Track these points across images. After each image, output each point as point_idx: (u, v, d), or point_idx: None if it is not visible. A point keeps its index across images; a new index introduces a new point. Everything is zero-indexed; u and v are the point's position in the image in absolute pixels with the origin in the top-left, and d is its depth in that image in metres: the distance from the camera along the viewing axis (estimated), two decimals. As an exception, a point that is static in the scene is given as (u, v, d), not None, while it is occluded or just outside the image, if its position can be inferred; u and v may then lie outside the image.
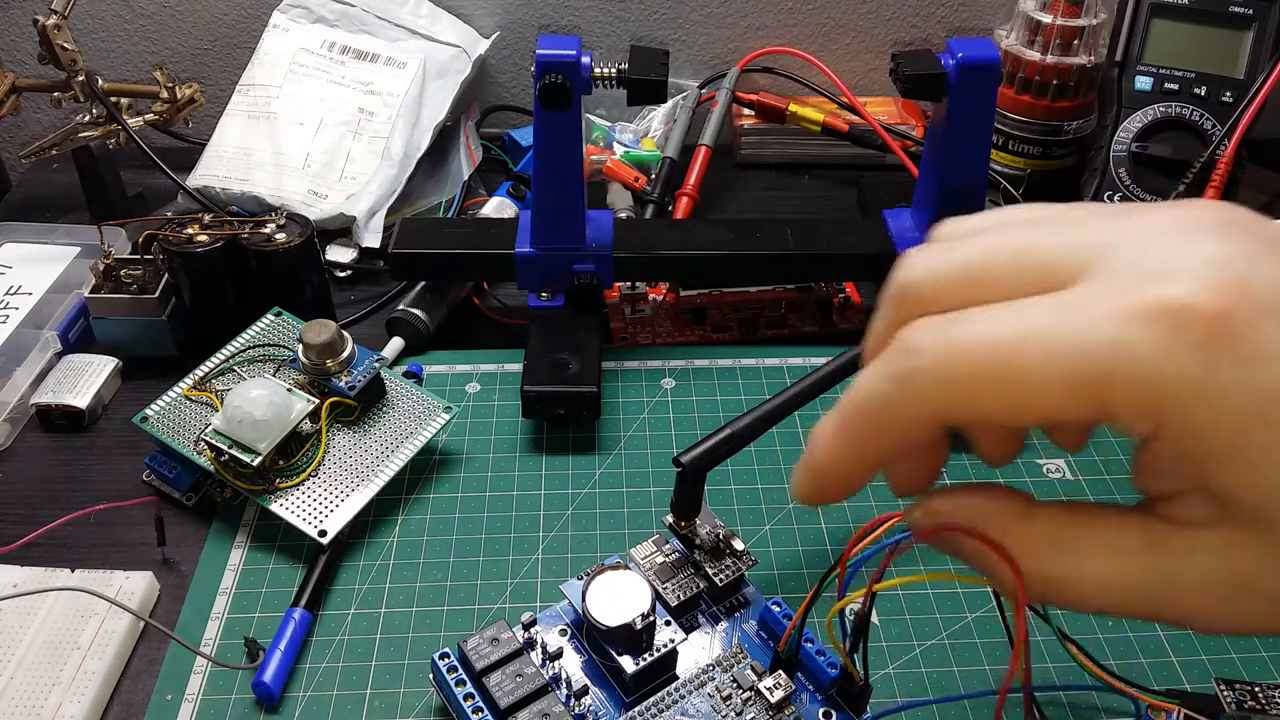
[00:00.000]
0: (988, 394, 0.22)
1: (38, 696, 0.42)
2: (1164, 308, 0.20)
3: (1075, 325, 0.21)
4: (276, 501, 0.49)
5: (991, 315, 0.22)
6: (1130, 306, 0.21)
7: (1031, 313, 0.22)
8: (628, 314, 0.65)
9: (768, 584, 0.48)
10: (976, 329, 0.22)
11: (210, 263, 0.58)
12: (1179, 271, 0.21)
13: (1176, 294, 0.20)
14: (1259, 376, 0.20)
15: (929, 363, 0.22)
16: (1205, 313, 0.20)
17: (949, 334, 0.22)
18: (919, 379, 0.23)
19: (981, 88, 0.55)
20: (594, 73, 0.55)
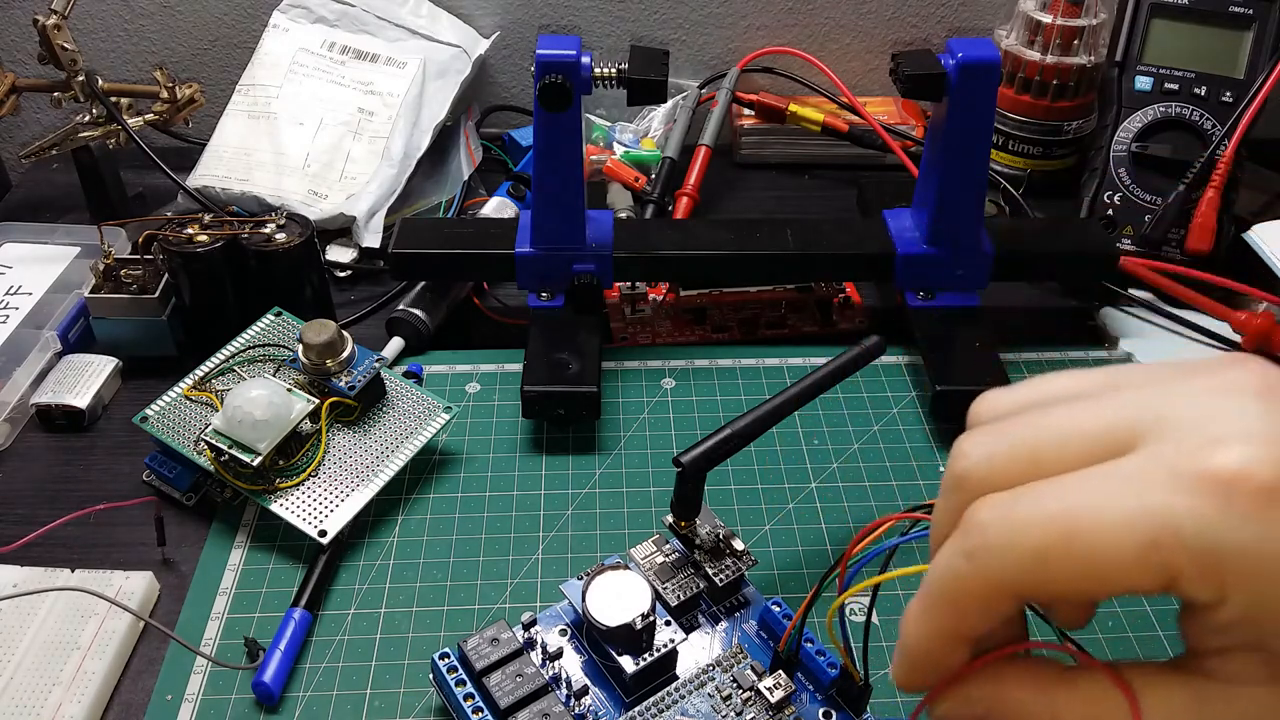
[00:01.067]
0: (1054, 566, 0.22)
1: (38, 696, 0.42)
2: (1218, 477, 0.21)
3: (1133, 494, 0.22)
4: (276, 501, 0.49)
5: (1051, 488, 0.23)
6: (1187, 474, 0.21)
7: (1090, 484, 0.23)
8: (628, 314, 0.65)
9: (768, 584, 0.48)
10: (1038, 503, 0.23)
11: (210, 263, 0.58)
12: (1231, 438, 0.21)
13: (1230, 463, 0.21)
14: None
15: (996, 538, 0.23)
16: (1260, 481, 0.21)
17: (1013, 509, 0.23)
18: (988, 555, 0.23)
19: (981, 88, 0.55)
20: (594, 73, 0.55)
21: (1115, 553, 0.22)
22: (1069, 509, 0.22)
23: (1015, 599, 0.24)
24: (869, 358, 0.46)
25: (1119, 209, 0.69)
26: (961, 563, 0.24)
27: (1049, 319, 0.67)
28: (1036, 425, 0.25)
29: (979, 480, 0.25)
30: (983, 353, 0.58)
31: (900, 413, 0.58)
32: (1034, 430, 0.24)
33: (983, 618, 0.25)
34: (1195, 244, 0.65)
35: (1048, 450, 0.24)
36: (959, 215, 0.59)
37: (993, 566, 0.23)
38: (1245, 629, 0.22)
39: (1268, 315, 0.61)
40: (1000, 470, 0.24)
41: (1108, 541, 0.22)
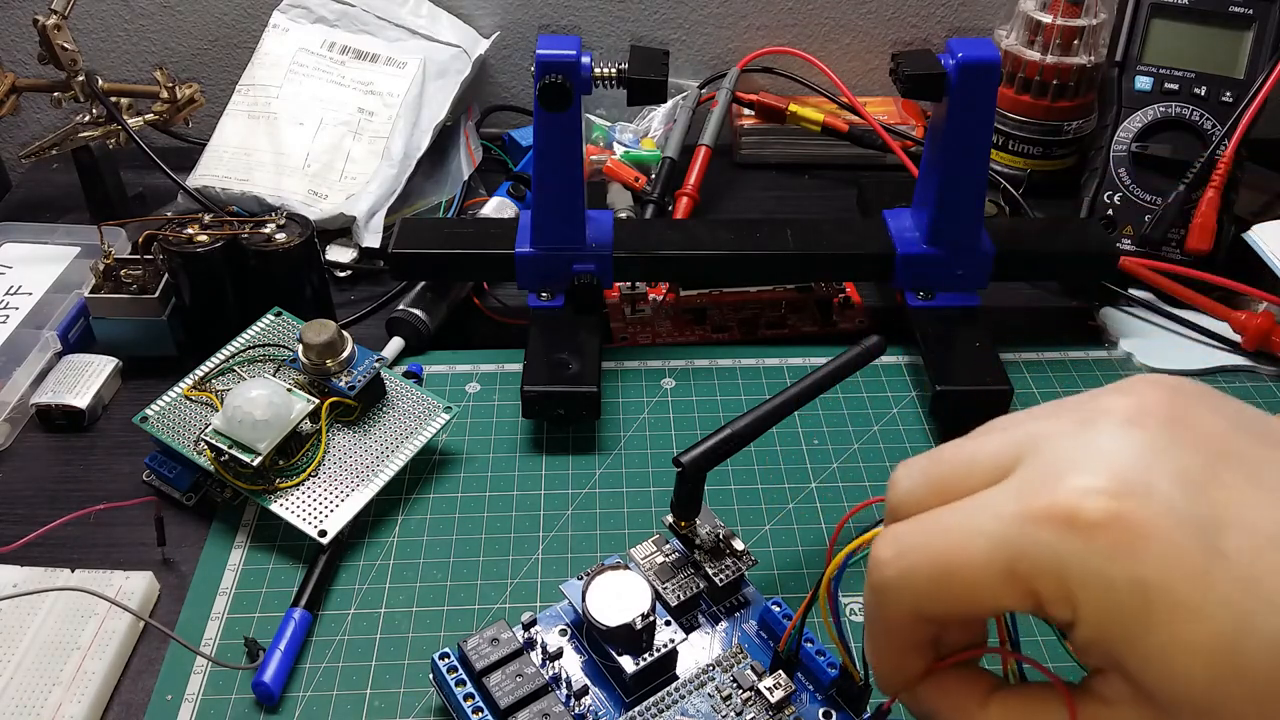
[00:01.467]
0: (941, 595, 0.25)
1: (38, 696, 0.42)
2: (1055, 511, 0.23)
3: (993, 526, 0.24)
4: (276, 501, 0.49)
5: (930, 521, 0.26)
6: (1032, 508, 0.23)
7: (963, 518, 0.25)
8: (628, 314, 0.65)
9: (768, 584, 0.48)
10: (919, 537, 0.26)
11: (210, 263, 0.58)
12: (1078, 470, 0.23)
13: (1070, 495, 0.23)
14: (1144, 573, 0.22)
15: (892, 576, 0.26)
16: (1090, 516, 0.23)
17: (901, 543, 0.26)
18: (889, 591, 0.26)
19: (981, 88, 0.55)
20: (594, 73, 0.55)
21: (982, 580, 0.24)
22: (942, 545, 0.25)
23: (926, 621, 0.27)
24: (869, 358, 0.46)
25: (1119, 209, 0.69)
26: (873, 597, 0.27)
27: (1049, 319, 0.67)
28: (946, 456, 0.27)
29: (904, 508, 0.27)
30: (983, 353, 0.58)
31: (900, 413, 0.58)
32: (944, 462, 0.27)
33: (911, 636, 0.28)
34: (1195, 244, 0.65)
35: (952, 479, 0.26)
36: (959, 215, 0.59)
37: (895, 600, 0.26)
38: (1101, 648, 0.24)
39: (1268, 315, 0.61)
40: (918, 500, 0.27)
41: (975, 570, 0.24)
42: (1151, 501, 0.23)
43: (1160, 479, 0.23)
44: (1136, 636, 0.23)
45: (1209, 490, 0.23)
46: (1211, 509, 0.22)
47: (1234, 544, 0.22)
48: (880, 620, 0.27)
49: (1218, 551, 0.22)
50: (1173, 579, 0.22)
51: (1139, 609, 0.22)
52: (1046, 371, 0.61)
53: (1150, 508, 0.22)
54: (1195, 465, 0.23)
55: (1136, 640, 0.23)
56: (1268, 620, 0.21)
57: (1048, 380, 0.61)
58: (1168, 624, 0.22)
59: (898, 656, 0.28)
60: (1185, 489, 0.23)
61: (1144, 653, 0.23)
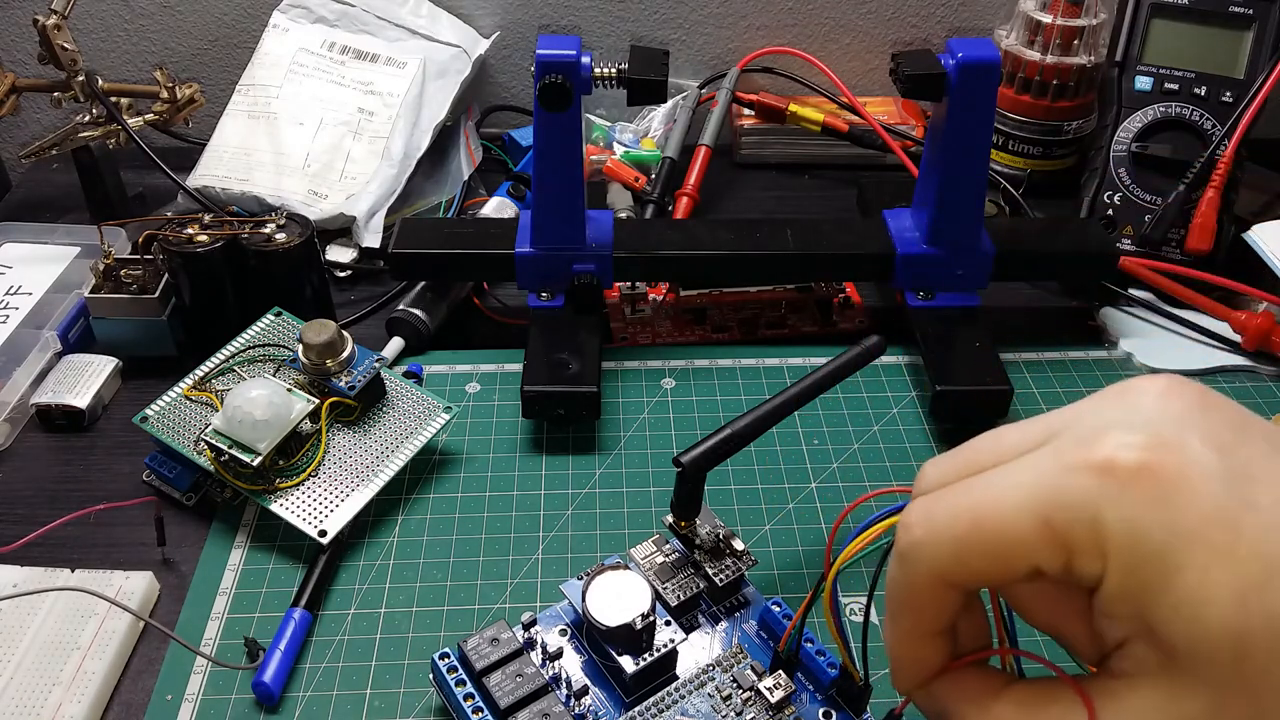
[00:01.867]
0: (971, 552, 0.26)
1: (38, 696, 0.42)
2: (1094, 462, 0.24)
3: (1028, 480, 0.25)
4: (276, 501, 0.49)
5: (964, 484, 0.26)
6: (1075, 459, 0.24)
7: (996, 477, 0.26)
8: (628, 314, 0.65)
9: (768, 584, 0.48)
10: (952, 499, 0.26)
11: (210, 263, 0.58)
12: (1115, 428, 0.25)
13: (1108, 447, 0.24)
14: (1178, 519, 0.23)
15: (921, 535, 0.26)
16: (1127, 464, 0.24)
17: (930, 507, 0.27)
18: (918, 552, 0.27)
19: (981, 88, 0.55)
20: (594, 73, 0.55)
21: (1015, 531, 0.25)
22: (976, 500, 0.26)
23: (952, 588, 0.27)
24: (869, 358, 0.46)
25: (1119, 209, 0.69)
26: (899, 566, 0.27)
27: (1049, 319, 0.67)
28: (978, 444, 0.28)
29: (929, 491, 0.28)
30: (983, 353, 0.58)
31: (900, 413, 0.58)
32: (975, 449, 0.28)
33: (934, 611, 0.28)
34: (1195, 244, 0.65)
35: (984, 458, 0.27)
36: (959, 215, 0.59)
37: (924, 561, 0.26)
38: (1127, 604, 0.24)
39: (1268, 315, 0.61)
40: (949, 483, 0.27)
41: (1008, 522, 0.25)
42: (1186, 454, 0.24)
43: (1192, 437, 0.24)
44: (1166, 583, 0.23)
45: (1237, 450, 0.24)
46: (1240, 465, 0.24)
47: (1263, 496, 0.23)
48: (905, 589, 0.27)
49: (1248, 501, 0.23)
50: (1205, 525, 0.23)
51: (1170, 555, 0.23)
52: (1046, 371, 0.61)
53: (1183, 459, 0.24)
54: (1223, 430, 0.24)
55: (1166, 587, 0.23)
56: None
57: (1048, 380, 0.61)
58: (1198, 569, 0.23)
59: (918, 642, 0.28)
60: (1215, 447, 0.24)
61: (1173, 599, 0.23)
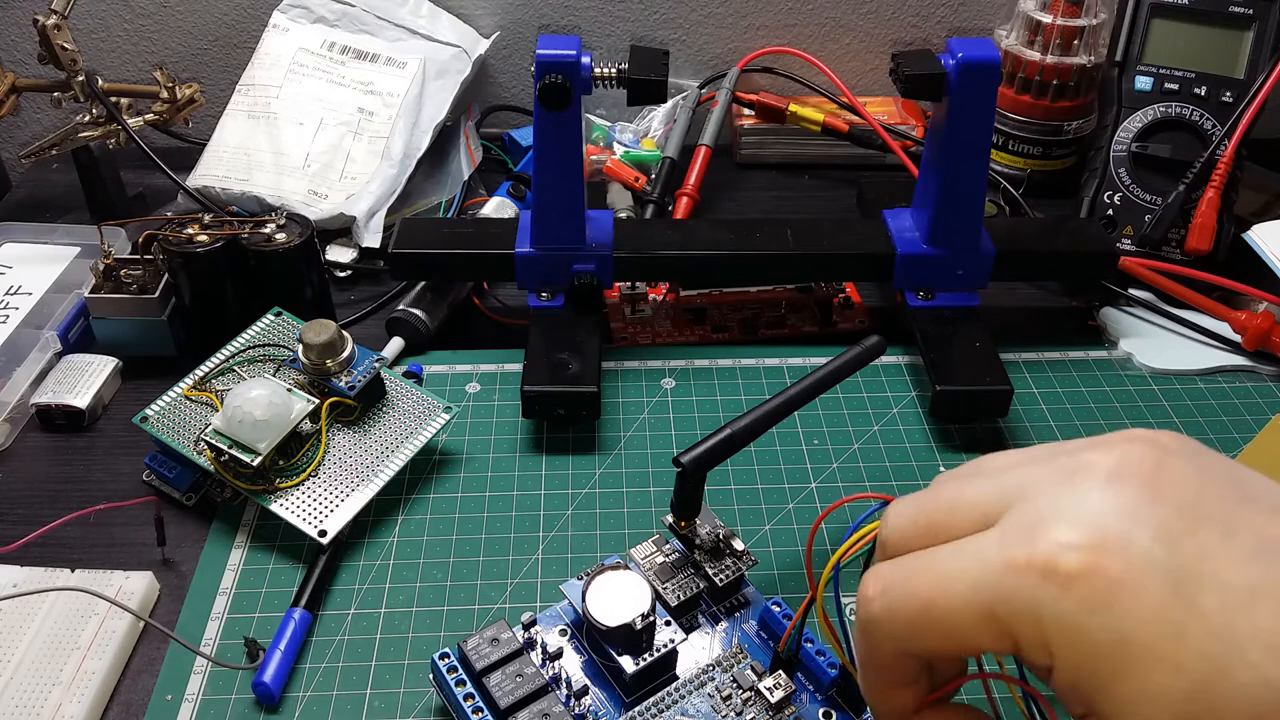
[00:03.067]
0: (923, 634, 0.26)
1: (38, 696, 0.42)
2: (1035, 561, 0.24)
3: (975, 572, 0.25)
4: (276, 501, 0.49)
5: (915, 561, 0.27)
6: (1013, 557, 0.24)
7: (948, 561, 0.26)
8: (628, 314, 0.65)
9: (768, 584, 0.48)
10: (903, 576, 0.27)
11: (210, 263, 0.58)
12: (1063, 522, 0.24)
13: (1049, 547, 0.24)
14: (1120, 624, 0.23)
15: (879, 613, 0.27)
16: (1068, 567, 0.23)
17: (886, 581, 0.27)
18: (876, 628, 0.27)
19: (981, 88, 0.55)
20: (594, 73, 0.55)
21: (962, 621, 0.25)
22: (926, 584, 0.26)
23: (911, 658, 0.28)
24: (869, 358, 0.46)
25: (1119, 209, 0.69)
26: (861, 634, 0.28)
27: (1049, 319, 0.67)
28: (941, 495, 0.28)
29: (893, 548, 0.28)
30: (983, 353, 0.58)
31: (900, 413, 0.58)
32: (933, 504, 0.28)
33: (899, 672, 0.28)
34: (1195, 244, 0.65)
35: (941, 522, 0.27)
36: (959, 215, 0.59)
37: (882, 636, 0.27)
38: (1075, 693, 0.24)
39: (1268, 315, 0.61)
40: (906, 540, 0.28)
41: (955, 611, 0.25)
42: (1129, 555, 0.23)
43: (1138, 534, 0.24)
44: (1111, 685, 0.23)
45: (1185, 546, 0.23)
46: (1187, 564, 0.23)
47: (1208, 599, 0.23)
48: (869, 655, 0.29)
49: (1192, 605, 0.23)
50: (1147, 630, 0.23)
51: (1113, 659, 0.23)
52: (1046, 371, 0.61)
53: (1127, 561, 0.23)
54: (1172, 522, 0.24)
55: (1111, 689, 0.23)
56: (1240, 673, 0.22)
57: (1048, 380, 0.61)
58: (1141, 674, 0.23)
59: (889, 691, 0.29)
60: (1162, 544, 0.23)
61: (1118, 701, 0.23)
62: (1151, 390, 0.60)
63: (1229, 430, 0.57)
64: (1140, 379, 0.61)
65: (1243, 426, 0.58)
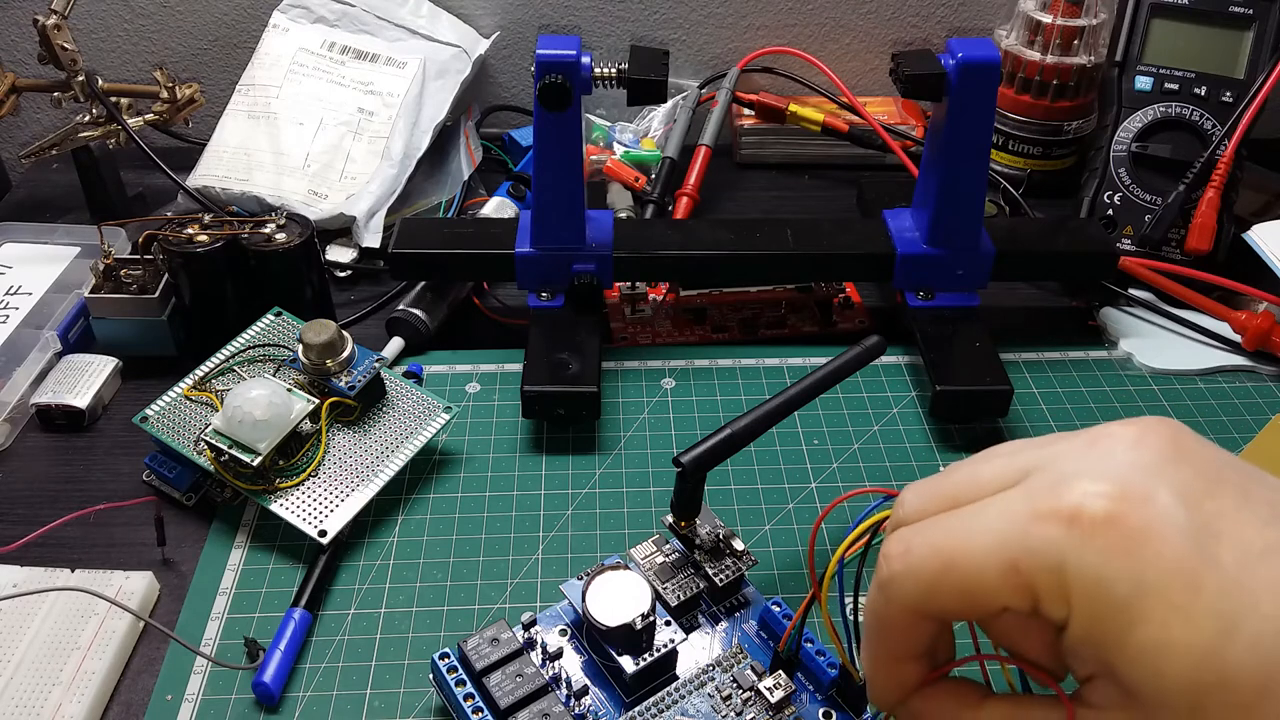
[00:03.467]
0: (943, 591, 0.26)
1: (38, 696, 0.42)
2: (1061, 510, 0.24)
3: (998, 526, 0.25)
4: (276, 501, 0.49)
5: (940, 522, 0.27)
6: (1040, 509, 0.25)
7: (968, 519, 0.26)
8: (628, 314, 0.65)
9: (768, 584, 0.48)
10: (926, 534, 0.27)
11: (210, 263, 0.58)
12: (1083, 477, 0.25)
13: (1074, 497, 0.24)
14: (1141, 572, 0.23)
15: (898, 571, 0.27)
16: (1094, 514, 0.24)
17: (909, 541, 0.27)
18: (895, 586, 0.27)
19: (981, 88, 0.55)
20: (594, 73, 0.55)
21: (984, 575, 0.25)
22: (949, 540, 0.26)
23: (927, 620, 0.28)
24: (869, 358, 0.46)
25: (1119, 209, 0.69)
26: (878, 594, 0.28)
27: (1049, 319, 0.67)
28: (956, 476, 0.28)
29: (908, 520, 0.28)
30: (983, 353, 0.58)
31: (900, 413, 0.58)
32: (955, 478, 0.28)
33: (910, 639, 0.28)
34: (1195, 244, 0.65)
35: (960, 494, 0.27)
36: (959, 215, 0.59)
37: (900, 595, 0.27)
38: (1091, 647, 0.25)
39: (1267, 315, 0.61)
40: (925, 511, 0.28)
41: (978, 565, 0.25)
42: (1151, 507, 0.24)
43: (1161, 489, 0.24)
44: (1127, 634, 0.23)
45: (1205, 505, 0.24)
46: (1207, 520, 0.24)
47: (1226, 554, 0.23)
48: (882, 619, 0.28)
49: (1211, 558, 0.23)
50: (1166, 580, 0.23)
51: (1131, 607, 0.23)
52: (1046, 371, 0.61)
53: (1150, 512, 0.24)
54: (1193, 482, 0.24)
55: (1127, 637, 0.23)
56: (1253, 626, 0.22)
57: (1048, 380, 0.61)
58: (1158, 623, 0.23)
59: (894, 665, 0.29)
60: (1184, 501, 0.24)
61: (1133, 651, 0.23)
62: (1151, 390, 0.60)
63: (1229, 430, 0.57)
64: (1140, 379, 0.61)
65: (1243, 426, 0.58)
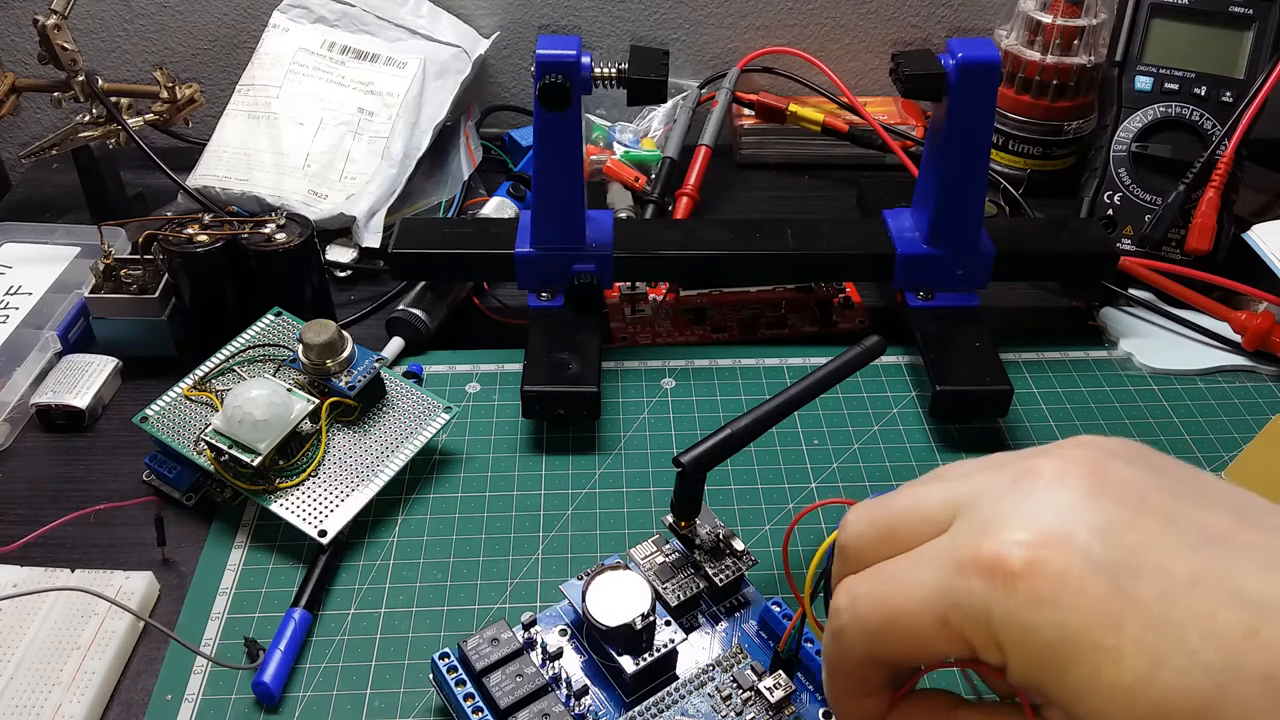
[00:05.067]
0: (888, 642, 0.27)
1: (38, 696, 0.42)
2: (982, 561, 0.24)
3: (929, 577, 0.26)
4: (276, 501, 0.49)
5: (880, 570, 0.27)
6: (963, 559, 0.25)
7: (904, 566, 0.27)
8: (628, 314, 0.65)
9: (768, 584, 0.48)
10: (869, 585, 0.27)
11: (210, 263, 0.58)
12: (1009, 524, 0.25)
13: (993, 548, 0.24)
14: (1064, 619, 0.23)
15: (848, 623, 0.28)
16: (1012, 565, 0.24)
17: (854, 592, 0.28)
18: (845, 637, 0.28)
19: (981, 88, 0.55)
20: (594, 73, 0.55)
21: (921, 628, 0.26)
22: (887, 594, 0.27)
23: (879, 666, 0.28)
24: (869, 358, 0.46)
25: (1119, 209, 0.69)
26: (832, 642, 0.29)
27: (1049, 319, 0.67)
28: (900, 503, 0.29)
29: (853, 552, 0.29)
30: (983, 353, 0.58)
31: (900, 413, 0.58)
32: (891, 510, 0.29)
33: (868, 680, 0.29)
34: (1195, 244, 0.65)
35: (898, 527, 0.28)
36: (959, 215, 0.59)
37: (851, 646, 0.28)
38: (1032, 689, 0.25)
39: (1268, 315, 0.61)
40: (866, 546, 0.29)
41: (914, 619, 0.26)
42: (1069, 550, 0.24)
43: (1079, 530, 0.24)
44: (1060, 678, 0.24)
45: (1126, 538, 0.24)
46: (1127, 555, 0.24)
47: (1146, 588, 0.23)
48: (839, 665, 0.29)
49: (1132, 596, 0.23)
50: (1088, 623, 0.23)
51: (1060, 652, 0.23)
52: (1046, 371, 0.61)
53: (1067, 556, 0.24)
54: (1114, 516, 0.24)
55: (1061, 681, 0.24)
56: (1178, 659, 0.22)
57: (1048, 380, 0.61)
58: (1087, 665, 0.23)
59: (858, 701, 0.30)
60: (1102, 538, 0.24)
61: (1069, 692, 0.24)
62: (1151, 390, 0.60)
63: (1229, 430, 0.57)
64: (1140, 379, 0.61)
65: (1243, 426, 0.58)
